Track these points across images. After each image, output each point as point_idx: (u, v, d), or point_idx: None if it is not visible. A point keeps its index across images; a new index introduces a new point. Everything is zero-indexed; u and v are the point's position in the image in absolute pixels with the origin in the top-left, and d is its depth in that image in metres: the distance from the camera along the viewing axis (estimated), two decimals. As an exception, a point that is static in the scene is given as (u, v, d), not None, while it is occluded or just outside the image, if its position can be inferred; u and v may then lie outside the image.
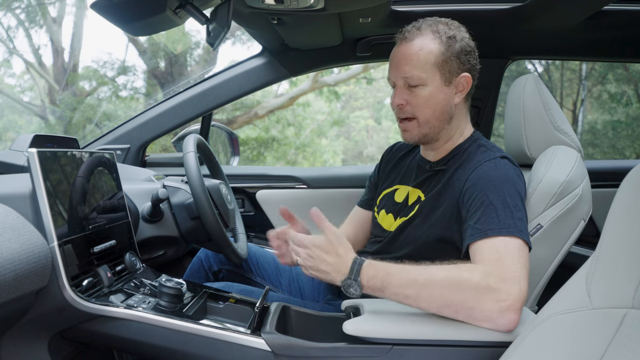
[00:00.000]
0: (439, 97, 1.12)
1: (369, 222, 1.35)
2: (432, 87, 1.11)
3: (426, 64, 1.10)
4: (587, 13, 1.48)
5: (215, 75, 1.88)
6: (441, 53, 1.10)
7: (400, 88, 1.13)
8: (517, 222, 0.95)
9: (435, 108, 1.12)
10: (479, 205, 0.99)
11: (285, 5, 1.26)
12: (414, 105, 1.13)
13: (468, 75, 1.13)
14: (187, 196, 1.34)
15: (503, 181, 1.02)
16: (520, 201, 1.01)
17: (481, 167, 1.07)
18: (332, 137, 8.24)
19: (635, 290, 0.68)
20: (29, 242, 0.84)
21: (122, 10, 1.05)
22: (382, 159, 1.39)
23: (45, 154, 0.92)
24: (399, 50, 1.14)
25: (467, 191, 1.05)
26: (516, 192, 1.02)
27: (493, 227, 0.94)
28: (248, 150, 7.17)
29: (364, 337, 0.88)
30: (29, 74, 6.90)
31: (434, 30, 1.11)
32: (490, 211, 0.97)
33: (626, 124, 6.67)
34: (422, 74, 1.10)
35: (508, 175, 1.04)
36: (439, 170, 1.17)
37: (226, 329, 0.91)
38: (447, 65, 1.10)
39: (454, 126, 1.17)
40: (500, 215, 0.96)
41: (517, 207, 0.98)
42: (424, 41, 1.11)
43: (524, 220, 0.98)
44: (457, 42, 1.11)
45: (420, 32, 1.12)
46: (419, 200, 1.16)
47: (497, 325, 0.85)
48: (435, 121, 1.13)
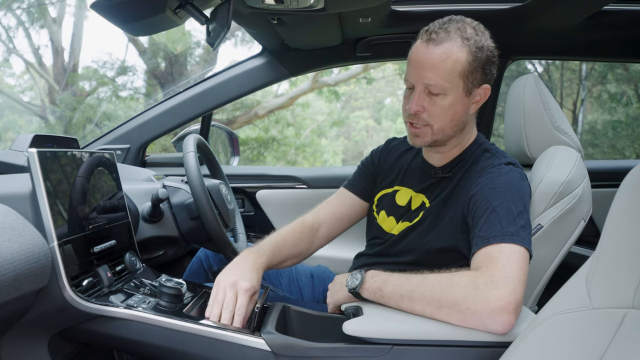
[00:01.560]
0: (458, 107, 1.07)
1: (358, 211, 1.31)
2: (453, 97, 1.06)
3: (451, 73, 1.04)
4: (587, 13, 1.48)
5: (215, 75, 1.88)
6: (468, 63, 1.04)
7: (420, 94, 1.07)
8: (519, 230, 0.94)
9: (453, 118, 1.08)
10: (483, 213, 0.98)
11: (285, 5, 1.26)
12: (431, 114, 1.07)
13: (488, 87, 1.09)
14: (187, 196, 1.34)
15: (506, 188, 1.01)
16: (523, 207, 1.00)
17: (486, 175, 1.06)
18: (332, 137, 8.24)
19: (635, 290, 0.68)
20: (29, 242, 0.84)
21: (122, 10, 1.05)
22: (382, 151, 1.33)
23: (45, 154, 0.92)
24: (424, 53, 1.06)
25: (471, 199, 1.04)
26: (520, 198, 1.01)
27: (496, 234, 0.94)
28: (248, 150, 7.18)
29: (364, 337, 0.88)
30: (29, 74, 6.91)
31: (463, 37, 1.04)
32: (493, 218, 0.96)
33: (626, 124, 6.67)
34: (445, 84, 1.04)
35: (511, 181, 1.03)
36: (445, 177, 1.15)
37: (226, 329, 0.91)
38: (472, 77, 1.06)
39: (464, 134, 1.15)
40: (503, 222, 0.95)
41: (520, 215, 0.97)
42: (452, 48, 1.04)
43: (527, 228, 0.97)
44: (484, 52, 1.06)
45: (448, 35, 1.04)
46: (424, 207, 1.15)
47: (489, 327, 0.84)
48: (450, 130, 1.10)
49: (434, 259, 1.09)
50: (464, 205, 1.05)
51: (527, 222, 0.99)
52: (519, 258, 0.90)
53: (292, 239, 1.19)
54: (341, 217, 1.29)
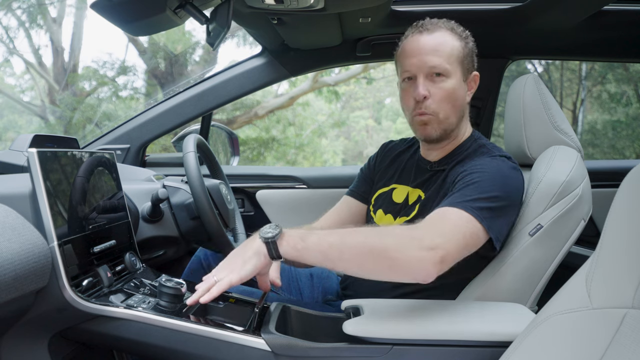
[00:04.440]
0: (459, 92, 1.11)
1: (360, 214, 1.33)
2: (454, 80, 1.10)
3: (451, 56, 1.09)
4: (587, 13, 1.48)
5: (215, 75, 1.88)
6: (462, 49, 1.11)
7: (423, 79, 1.10)
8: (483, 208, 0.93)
9: (455, 104, 1.11)
10: (460, 186, 0.99)
11: (285, 5, 1.26)
12: (436, 99, 1.10)
13: (477, 74, 1.14)
14: (187, 196, 1.34)
15: (493, 172, 1.02)
16: (503, 193, 0.99)
17: (479, 160, 1.07)
18: (332, 137, 8.24)
19: (635, 290, 0.68)
20: (29, 242, 0.84)
21: (122, 10, 1.05)
22: (378, 154, 1.37)
23: (45, 154, 0.92)
24: (421, 41, 1.10)
25: (458, 175, 1.05)
26: (502, 184, 1.00)
27: (461, 201, 0.93)
28: (248, 150, 7.17)
29: (364, 337, 0.88)
30: (29, 74, 6.91)
31: (450, 28, 1.12)
32: (464, 189, 0.96)
33: (626, 124, 6.67)
34: (447, 65, 1.08)
35: (501, 169, 1.04)
36: (440, 170, 1.17)
37: (226, 329, 0.91)
38: (466, 62, 1.11)
39: (461, 126, 1.17)
40: (470, 195, 0.94)
41: (494, 198, 0.96)
42: (444, 36, 1.10)
43: (494, 210, 0.96)
44: (470, 41, 1.13)
45: (438, 26, 1.11)
46: (420, 199, 1.16)
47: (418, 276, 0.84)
48: (454, 117, 1.12)
49: None
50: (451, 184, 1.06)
51: (500, 208, 0.97)
52: (465, 227, 0.90)
53: None
54: (346, 223, 1.31)
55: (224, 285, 0.88)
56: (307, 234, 0.89)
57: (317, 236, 0.88)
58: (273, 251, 0.88)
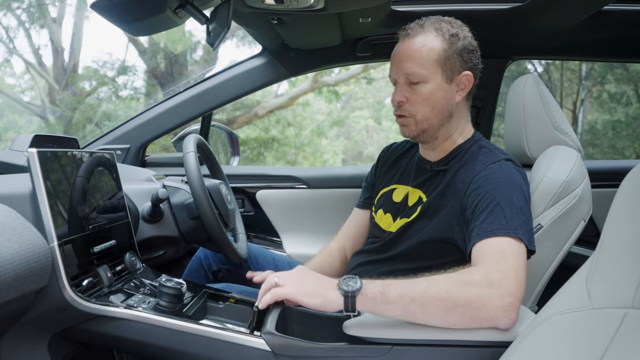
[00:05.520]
0: (439, 94, 1.12)
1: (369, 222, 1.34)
2: (433, 84, 1.11)
3: (427, 60, 1.10)
4: (587, 13, 1.48)
5: (215, 75, 1.88)
6: (443, 50, 1.10)
7: (402, 85, 1.13)
8: (522, 225, 0.96)
9: (434, 106, 1.12)
10: (486, 206, 0.99)
11: (285, 5, 1.26)
12: (413, 102, 1.12)
13: (470, 73, 1.13)
14: (187, 196, 1.34)
15: (510, 183, 1.03)
16: (526, 204, 1.01)
17: (487, 169, 1.07)
18: (332, 137, 8.24)
19: (635, 290, 0.68)
20: (29, 242, 0.84)
21: (122, 10, 1.05)
22: (379, 160, 1.39)
23: (45, 154, 0.92)
24: (401, 47, 1.14)
25: (472, 192, 1.04)
26: (522, 194, 1.02)
27: (500, 227, 0.95)
28: (248, 150, 7.17)
29: (364, 337, 0.88)
30: (29, 74, 6.91)
31: (437, 28, 1.11)
32: (497, 212, 0.97)
33: (626, 124, 6.67)
34: (423, 71, 1.10)
35: (514, 178, 1.05)
36: (440, 170, 1.17)
37: (226, 329, 0.91)
38: (449, 63, 1.10)
39: (453, 125, 1.17)
40: (507, 216, 0.96)
41: (523, 210, 0.99)
42: (426, 38, 1.11)
43: (528, 223, 0.98)
44: (460, 40, 1.11)
45: (423, 29, 1.12)
46: (421, 202, 1.16)
47: (499, 324, 0.85)
48: (434, 119, 1.13)
49: (426, 251, 1.10)
50: (463, 198, 1.06)
51: (529, 218, 1.00)
52: (524, 258, 0.92)
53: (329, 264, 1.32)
54: (360, 234, 1.37)
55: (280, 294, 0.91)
56: (388, 287, 0.86)
57: (398, 291, 0.85)
58: (349, 305, 0.86)
